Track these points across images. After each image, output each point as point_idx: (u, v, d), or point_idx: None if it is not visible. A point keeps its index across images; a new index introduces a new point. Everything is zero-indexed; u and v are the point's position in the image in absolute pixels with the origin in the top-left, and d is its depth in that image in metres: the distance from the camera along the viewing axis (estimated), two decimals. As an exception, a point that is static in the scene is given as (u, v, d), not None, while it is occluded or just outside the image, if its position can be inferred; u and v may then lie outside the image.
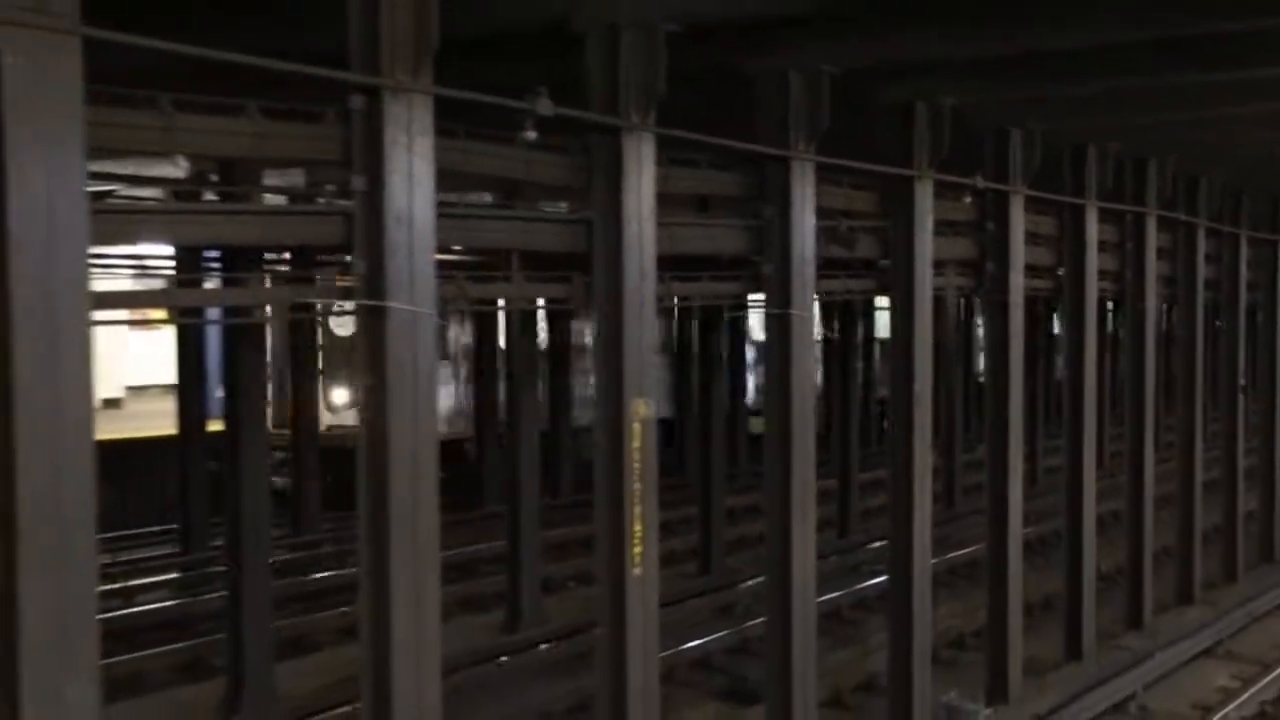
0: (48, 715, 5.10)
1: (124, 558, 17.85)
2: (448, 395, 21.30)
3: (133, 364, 27.76)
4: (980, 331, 26.48)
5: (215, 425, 16.96)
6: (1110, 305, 24.69)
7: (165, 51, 5.85)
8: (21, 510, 5.04)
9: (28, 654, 5.05)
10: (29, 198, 5.02)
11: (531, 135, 7.47)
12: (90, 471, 5.26)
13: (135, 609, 15.11)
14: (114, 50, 5.43)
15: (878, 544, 18.14)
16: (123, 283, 14.65)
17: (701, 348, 19.80)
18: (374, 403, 6.68)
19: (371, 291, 6.58)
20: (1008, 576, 12.55)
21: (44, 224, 5.06)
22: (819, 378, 21.03)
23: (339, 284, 7.09)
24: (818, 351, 20.11)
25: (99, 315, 5.47)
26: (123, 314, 7.30)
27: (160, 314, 16.90)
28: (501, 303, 11.14)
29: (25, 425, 5.03)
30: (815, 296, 10.14)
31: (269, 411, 14.95)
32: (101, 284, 6.17)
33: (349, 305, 6.88)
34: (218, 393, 16.82)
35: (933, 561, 11.74)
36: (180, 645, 13.69)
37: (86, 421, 5.26)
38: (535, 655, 13.97)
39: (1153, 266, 15.32)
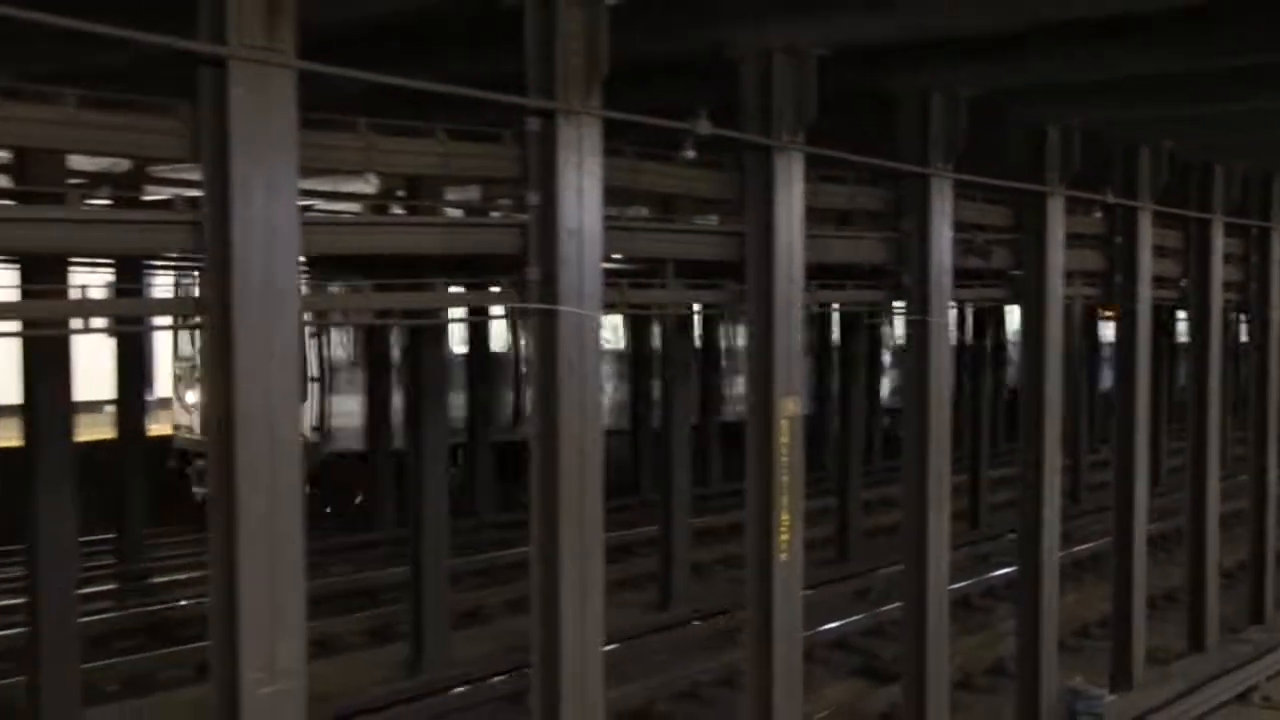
0: (263, 668, 5.33)
1: (317, 535, 18.34)
2: (608, 392, 21.46)
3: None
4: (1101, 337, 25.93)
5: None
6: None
7: (364, 80, 6.05)
8: (240, 491, 5.26)
9: (246, 616, 5.28)
10: (249, 212, 5.25)
11: (691, 154, 7.54)
12: (298, 456, 5.47)
13: (329, 579, 15.54)
14: (318, 79, 5.63)
15: (1007, 536, 17.83)
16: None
17: (841, 350, 19.69)
18: (545, 398, 6.81)
19: (545, 296, 6.71)
20: (1132, 569, 12.28)
21: (262, 235, 5.29)
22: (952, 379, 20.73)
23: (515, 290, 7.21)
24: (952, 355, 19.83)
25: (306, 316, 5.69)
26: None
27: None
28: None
29: (244, 414, 5.25)
30: (951, 304, 10.05)
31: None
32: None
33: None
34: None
35: (1059, 554, 11.53)
36: (369, 613, 14.08)
37: (295, 411, 5.48)
38: (684, 632, 14.04)
39: (1277, 277, 14.84)
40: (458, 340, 19.46)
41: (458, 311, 11.66)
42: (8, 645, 11.59)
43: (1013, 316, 23.45)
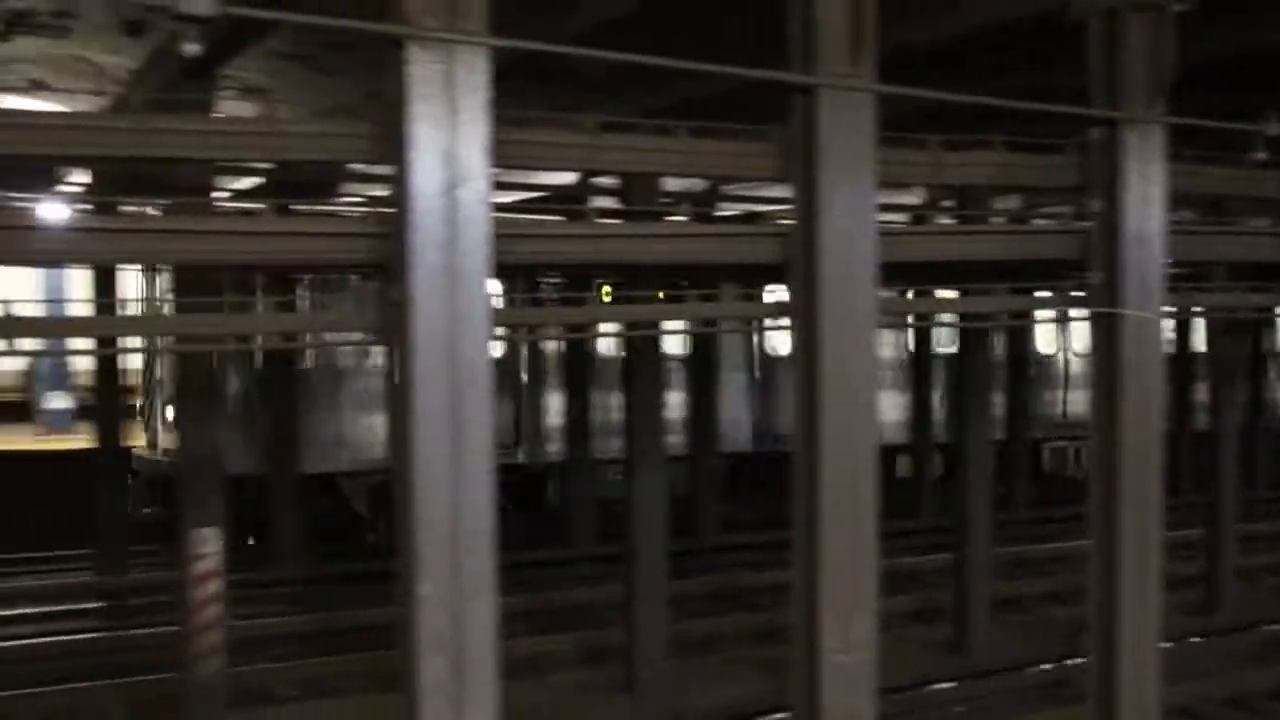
0: (839, 636, 5.49)
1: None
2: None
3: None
4: None
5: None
6: None
7: (931, 98, 6.03)
8: (824, 477, 5.43)
9: (825, 590, 5.44)
10: (834, 223, 5.39)
11: (1261, 155, 6.96)
12: (875, 449, 5.56)
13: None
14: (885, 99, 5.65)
15: None
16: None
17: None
18: (1106, 399, 6.52)
19: (1107, 300, 6.44)
20: None
21: (844, 245, 5.43)
22: None
23: (1070, 294, 6.93)
24: None
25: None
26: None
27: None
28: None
29: (829, 408, 5.40)
30: None
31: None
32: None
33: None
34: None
35: None
36: (912, 595, 14.02)
37: (872, 405, 5.55)
38: (1233, 638, 12.92)
39: None
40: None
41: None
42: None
43: None
